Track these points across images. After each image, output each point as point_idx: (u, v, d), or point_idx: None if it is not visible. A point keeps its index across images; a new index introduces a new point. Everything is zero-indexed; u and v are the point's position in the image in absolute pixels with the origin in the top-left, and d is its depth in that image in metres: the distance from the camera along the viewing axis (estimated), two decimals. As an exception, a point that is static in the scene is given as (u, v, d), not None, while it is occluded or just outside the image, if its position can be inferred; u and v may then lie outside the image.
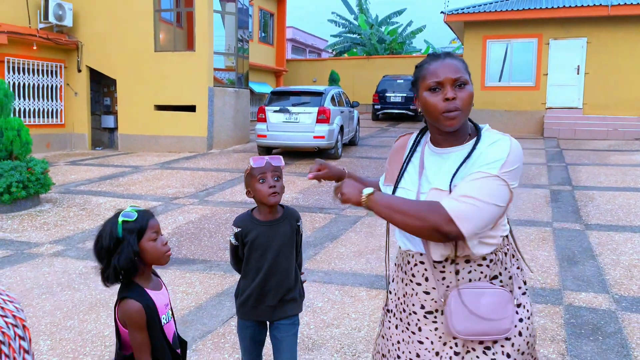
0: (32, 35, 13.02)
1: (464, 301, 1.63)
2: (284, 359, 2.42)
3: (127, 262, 1.86)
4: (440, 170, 1.71)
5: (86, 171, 10.82)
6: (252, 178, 2.33)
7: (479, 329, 1.63)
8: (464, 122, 1.68)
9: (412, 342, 1.75)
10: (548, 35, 16.22)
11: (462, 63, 1.69)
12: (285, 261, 2.41)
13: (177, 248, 5.92)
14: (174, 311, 2.30)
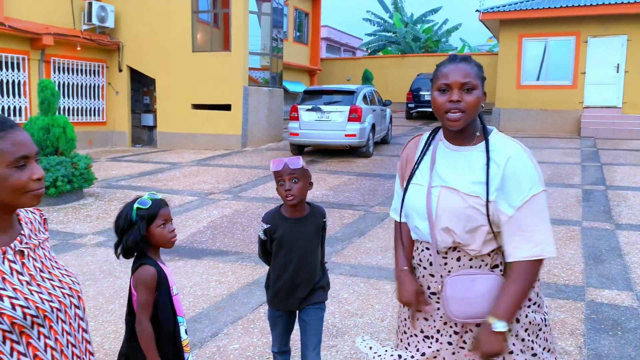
0: (76, 36, 13.58)
1: (457, 288, 1.79)
2: (310, 341, 2.61)
3: (133, 242, 2.15)
4: (450, 167, 1.84)
5: (126, 167, 11.26)
6: (275, 179, 2.50)
7: (472, 312, 1.78)
8: (469, 123, 1.80)
9: (418, 319, 1.93)
10: (586, 33, 15.93)
11: (475, 68, 1.81)
12: (312, 256, 2.58)
13: (211, 240, 6.19)
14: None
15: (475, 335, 1.79)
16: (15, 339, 1.27)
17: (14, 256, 1.33)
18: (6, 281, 1.28)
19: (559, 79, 16.40)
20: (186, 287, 4.74)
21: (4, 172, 1.27)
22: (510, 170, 1.74)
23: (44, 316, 1.32)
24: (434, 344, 1.87)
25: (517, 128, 15.91)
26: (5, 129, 1.29)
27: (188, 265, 5.36)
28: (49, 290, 1.36)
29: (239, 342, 3.63)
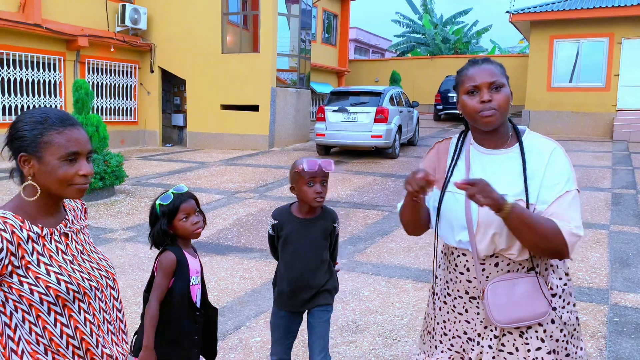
0: (110, 38, 13.95)
1: (498, 293, 1.78)
2: (315, 344, 2.56)
3: (157, 235, 2.31)
4: (487, 172, 1.80)
5: (157, 166, 11.52)
6: (301, 178, 2.44)
7: (516, 316, 1.77)
8: (502, 122, 1.79)
9: (460, 322, 1.91)
10: (620, 34, 15.61)
11: (499, 67, 1.82)
12: (317, 259, 2.54)
13: (236, 237, 6.31)
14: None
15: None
16: (59, 311, 1.42)
17: (59, 237, 1.48)
18: (53, 259, 1.43)
19: (591, 81, 16.11)
20: (211, 282, 4.86)
21: (55, 164, 1.41)
22: (550, 169, 1.75)
23: (84, 293, 1.46)
24: (476, 347, 1.87)
25: (547, 131, 15.66)
26: (65, 126, 1.44)
27: (214, 260, 5.49)
28: (89, 271, 1.51)
29: (261, 336, 3.72)
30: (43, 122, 1.43)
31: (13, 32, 11.72)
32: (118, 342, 1.58)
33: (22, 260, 1.38)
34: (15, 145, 1.44)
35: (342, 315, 4.09)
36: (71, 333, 1.44)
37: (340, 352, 3.52)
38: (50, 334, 1.42)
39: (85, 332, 1.46)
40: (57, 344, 1.42)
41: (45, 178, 1.42)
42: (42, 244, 1.43)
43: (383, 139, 11.46)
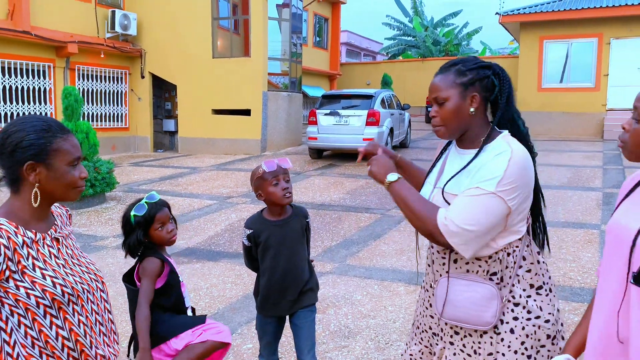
0: (100, 44, 13.89)
1: (446, 289, 1.79)
2: (303, 344, 2.61)
3: (134, 245, 2.35)
4: (452, 169, 1.86)
5: (148, 172, 11.47)
6: (264, 181, 2.48)
7: (458, 316, 1.77)
8: (457, 132, 1.82)
9: (426, 316, 1.97)
10: (609, 35, 15.73)
11: (451, 77, 1.79)
12: (298, 257, 2.59)
13: (228, 243, 6.28)
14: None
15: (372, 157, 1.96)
16: (54, 314, 1.45)
17: (51, 242, 1.53)
18: (47, 263, 1.47)
19: (581, 81, 16.22)
20: (203, 289, 4.83)
21: (65, 169, 1.50)
22: (487, 161, 1.70)
23: (77, 296, 1.50)
24: (439, 342, 1.90)
25: (539, 131, 15.74)
26: (67, 133, 1.53)
27: (205, 267, 5.46)
28: (80, 274, 1.55)
29: (252, 342, 3.70)
30: (48, 130, 1.48)
31: (2, 39, 11.64)
32: (110, 343, 1.62)
33: (19, 265, 1.42)
34: (19, 155, 1.46)
35: (335, 320, 4.07)
36: (66, 335, 1.48)
37: (333, 358, 3.50)
38: (46, 336, 1.45)
39: (80, 333, 1.50)
40: (52, 346, 1.46)
41: (53, 184, 1.49)
42: (36, 249, 1.47)
43: (375, 141, 11.44)
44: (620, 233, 1.43)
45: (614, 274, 1.44)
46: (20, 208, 1.49)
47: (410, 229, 6.65)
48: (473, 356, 1.81)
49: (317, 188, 9.35)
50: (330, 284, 4.85)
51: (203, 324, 2.39)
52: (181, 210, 7.93)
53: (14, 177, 1.49)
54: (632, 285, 1.36)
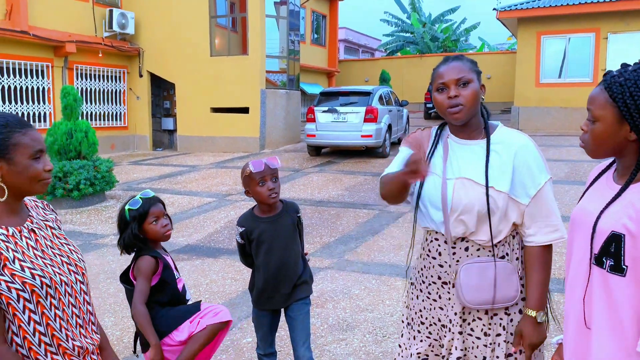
0: (98, 43, 13.93)
1: (471, 275, 1.85)
2: (299, 336, 2.66)
3: (129, 240, 2.39)
4: (462, 159, 1.90)
5: (147, 170, 11.51)
6: (252, 181, 2.53)
7: (486, 299, 1.84)
8: (471, 115, 1.87)
9: (434, 309, 1.98)
10: (606, 29, 15.75)
11: (468, 64, 1.89)
12: (291, 252, 2.64)
13: (228, 240, 6.33)
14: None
15: (518, 329, 1.86)
16: (32, 309, 1.46)
17: (28, 233, 1.54)
18: (25, 254, 1.49)
19: (579, 76, 16.23)
20: (202, 285, 4.88)
21: (27, 163, 1.50)
22: (521, 162, 1.82)
23: (55, 288, 1.51)
24: (447, 334, 1.94)
25: (537, 126, 15.78)
26: (25, 127, 1.53)
27: (205, 263, 5.51)
28: (59, 265, 1.56)
29: (252, 336, 3.75)
30: (6, 126, 1.50)
31: (0, 39, 11.67)
32: (87, 334, 1.62)
33: (0, 257, 1.44)
34: None
35: (333, 314, 4.12)
36: (43, 330, 1.49)
37: (331, 350, 3.55)
38: (24, 332, 1.47)
39: (56, 328, 1.51)
40: (29, 341, 1.47)
41: (16, 178, 1.50)
42: (14, 242, 1.49)
43: (373, 138, 11.50)
44: (584, 218, 1.52)
45: (579, 260, 1.52)
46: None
47: (408, 224, 6.70)
48: (482, 338, 1.88)
49: (316, 185, 9.40)
50: (328, 279, 4.90)
51: (199, 312, 2.44)
52: (181, 207, 7.98)
53: None
54: (594, 266, 1.43)
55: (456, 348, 1.91)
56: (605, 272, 1.42)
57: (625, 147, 1.47)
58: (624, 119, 1.42)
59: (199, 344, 2.40)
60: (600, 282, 1.44)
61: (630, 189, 1.44)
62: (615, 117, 1.44)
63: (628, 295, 1.38)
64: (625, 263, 1.38)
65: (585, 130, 1.52)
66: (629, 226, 1.37)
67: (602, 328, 1.44)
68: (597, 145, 1.50)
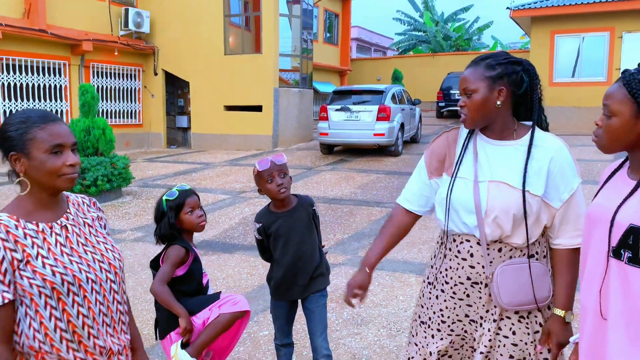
0: (114, 42, 14.11)
1: (508, 276, 1.88)
2: (316, 327, 2.75)
3: (166, 229, 2.49)
4: (495, 161, 1.92)
5: (162, 167, 11.66)
6: (261, 179, 2.64)
7: (522, 300, 1.88)
8: (479, 123, 1.93)
9: (460, 307, 2.00)
10: (621, 28, 15.65)
11: (480, 70, 1.89)
12: (308, 244, 2.72)
13: (242, 236, 6.43)
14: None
15: (547, 329, 1.90)
16: (54, 305, 1.49)
17: (60, 230, 1.56)
18: (50, 251, 1.51)
19: (592, 75, 16.14)
20: (219, 279, 4.98)
21: (42, 157, 1.50)
22: (556, 167, 1.86)
23: (79, 285, 1.52)
24: (479, 329, 1.98)
25: (550, 126, 15.25)
26: (46, 122, 1.54)
27: (221, 259, 5.61)
28: (89, 263, 1.57)
29: (268, 329, 3.84)
30: (25, 122, 1.52)
31: (19, 37, 11.88)
32: (114, 333, 1.62)
33: (24, 254, 1.46)
34: (5, 146, 1.53)
35: (348, 309, 4.20)
36: (64, 327, 1.51)
37: (346, 344, 3.63)
38: (45, 328, 1.49)
39: (77, 325, 1.52)
40: (51, 338, 1.50)
41: (35, 172, 1.51)
42: (42, 238, 1.51)
43: (385, 137, 11.55)
44: (601, 214, 1.58)
45: (596, 254, 1.59)
46: (24, 200, 1.55)
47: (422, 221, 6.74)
48: (510, 337, 1.93)
49: (329, 183, 9.47)
50: (342, 275, 4.98)
51: (218, 300, 2.53)
52: (196, 204, 8.09)
53: (12, 169, 1.56)
54: (612, 259, 1.49)
55: (483, 344, 1.94)
56: (624, 264, 1.48)
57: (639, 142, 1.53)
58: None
59: (216, 331, 2.48)
60: (617, 274, 1.50)
61: None
62: (632, 112, 1.50)
63: None
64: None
65: (600, 125, 1.58)
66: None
67: (619, 318, 1.50)
68: (612, 139, 1.56)
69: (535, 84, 1.92)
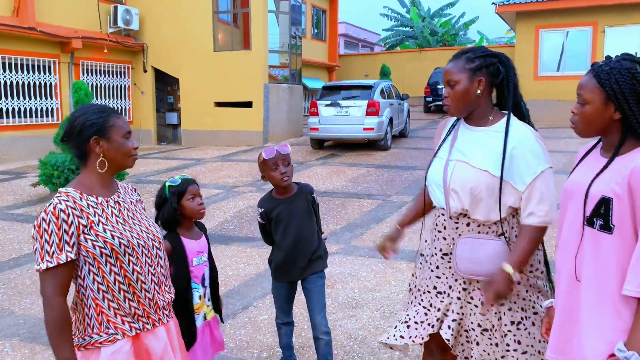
0: (103, 39, 14.14)
1: (466, 248, 2.10)
2: (315, 306, 2.94)
3: (169, 214, 2.60)
4: (466, 144, 2.14)
5: (154, 164, 11.75)
6: (266, 166, 2.81)
7: (477, 270, 2.09)
8: (462, 110, 2.15)
9: (431, 278, 2.24)
10: (604, 23, 15.98)
11: (461, 63, 2.11)
12: (306, 228, 2.91)
13: (238, 228, 6.59)
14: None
15: (491, 279, 2.04)
16: (113, 262, 1.79)
17: (114, 204, 1.88)
18: (108, 220, 1.81)
19: (576, 69, 16.46)
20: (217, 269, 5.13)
21: (121, 141, 1.86)
22: (519, 152, 2.04)
23: (133, 248, 1.82)
24: (445, 299, 2.19)
25: (535, 119, 15.43)
26: (118, 114, 1.91)
27: (218, 250, 5.76)
28: (138, 232, 1.88)
29: (268, 313, 4.01)
30: (104, 111, 1.85)
31: (8, 35, 11.90)
32: (160, 291, 1.93)
33: (88, 220, 1.77)
34: (86, 132, 1.82)
35: (343, 294, 4.38)
36: (122, 280, 1.81)
37: (342, 325, 3.82)
38: (107, 281, 1.80)
39: (132, 279, 1.83)
40: (112, 289, 1.81)
41: (114, 153, 1.86)
42: (101, 209, 1.83)
43: (375, 131, 11.74)
44: (576, 187, 1.78)
45: (571, 223, 1.79)
46: (88, 178, 1.86)
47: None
48: (480, 306, 2.12)
49: (320, 176, 9.65)
50: (337, 263, 5.16)
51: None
52: (190, 199, 8.22)
53: (83, 152, 1.85)
54: (586, 227, 1.69)
55: (452, 312, 2.15)
56: (596, 231, 1.67)
57: (610, 126, 1.72)
58: (610, 101, 1.68)
59: None
60: (590, 240, 1.69)
61: (616, 160, 1.69)
62: (602, 100, 1.69)
63: (614, 250, 1.64)
64: (612, 222, 1.63)
65: (575, 113, 1.77)
66: (617, 190, 1.63)
67: (591, 279, 1.69)
68: (586, 124, 1.75)
69: (510, 74, 2.11)
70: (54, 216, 1.72)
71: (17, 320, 4.13)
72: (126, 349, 1.80)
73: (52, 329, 1.71)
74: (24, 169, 11.44)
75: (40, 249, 1.71)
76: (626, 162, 1.66)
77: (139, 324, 1.85)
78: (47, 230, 1.71)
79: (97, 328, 1.79)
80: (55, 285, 1.71)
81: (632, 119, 1.66)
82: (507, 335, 2.10)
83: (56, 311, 1.71)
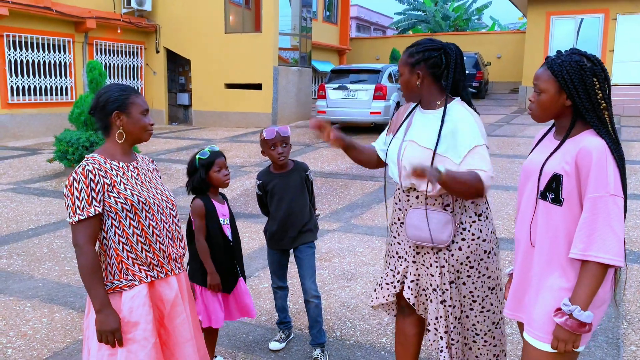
0: (117, 19, 14.38)
1: (414, 217, 2.38)
2: (306, 272, 3.21)
3: (198, 182, 2.92)
4: (417, 126, 2.43)
5: (165, 143, 12.06)
6: (265, 144, 3.10)
7: (422, 237, 2.36)
8: (412, 97, 2.45)
9: (393, 245, 2.58)
10: (615, 10, 15.92)
11: (404, 57, 2.41)
12: (298, 202, 3.17)
13: (244, 205, 6.88)
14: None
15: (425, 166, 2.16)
16: (132, 217, 2.09)
17: (133, 169, 2.17)
18: (129, 181, 2.11)
19: (586, 56, 16.43)
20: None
21: (139, 117, 2.14)
22: (456, 129, 2.27)
23: (149, 206, 2.12)
24: (403, 263, 2.51)
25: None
26: (138, 93, 2.18)
27: (224, 225, 6.05)
28: (154, 193, 2.17)
29: (268, 282, 4.30)
30: (126, 90, 2.13)
31: (24, 15, 12.17)
32: (173, 245, 2.22)
33: (111, 180, 2.06)
34: (109, 107, 2.11)
35: (339, 267, 4.66)
36: (139, 233, 2.10)
37: (337, 295, 4.09)
38: (126, 234, 2.08)
39: (148, 233, 2.12)
40: (131, 241, 2.09)
41: (132, 127, 2.15)
42: (122, 172, 2.12)
43: (382, 115, 11.93)
44: (533, 166, 2.02)
45: (528, 197, 2.03)
46: (111, 147, 2.16)
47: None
48: (429, 268, 2.42)
49: (325, 158, 9.89)
50: (335, 239, 5.43)
51: None
52: (199, 177, 8.51)
53: (106, 124, 2.15)
54: (540, 200, 1.94)
55: (410, 274, 2.48)
56: (548, 203, 1.93)
57: (563, 111, 1.96)
58: (562, 90, 1.92)
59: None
60: (543, 211, 1.95)
61: (566, 142, 1.94)
62: (556, 89, 1.93)
63: (563, 220, 1.90)
64: (562, 196, 1.89)
65: (532, 101, 2.01)
66: (566, 168, 1.87)
67: (543, 245, 1.95)
68: (543, 111, 1.99)
69: (451, 63, 2.34)
70: (83, 176, 2.00)
71: (36, 283, 4.46)
72: (143, 292, 2.08)
73: (85, 273, 1.99)
74: (40, 145, 11.80)
75: (72, 205, 1.99)
76: (575, 144, 1.90)
77: (154, 272, 2.13)
78: (78, 188, 1.99)
79: (118, 275, 2.07)
80: (86, 235, 2.00)
81: (580, 105, 1.90)
82: (445, 292, 2.39)
83: (89, 257, 1.99)
